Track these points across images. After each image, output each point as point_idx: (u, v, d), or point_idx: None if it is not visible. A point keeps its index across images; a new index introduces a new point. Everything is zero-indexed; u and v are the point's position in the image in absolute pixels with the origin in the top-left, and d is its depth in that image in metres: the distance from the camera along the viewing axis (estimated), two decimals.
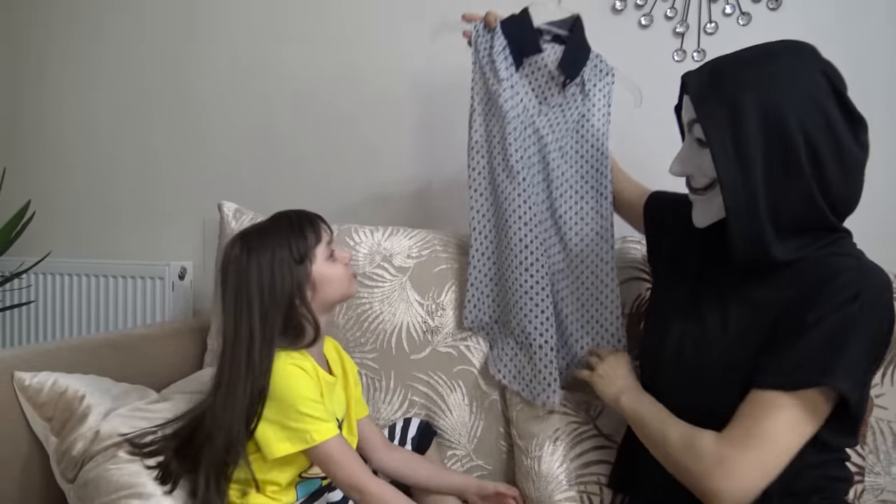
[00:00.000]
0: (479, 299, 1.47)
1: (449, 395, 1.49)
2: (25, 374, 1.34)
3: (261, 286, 1.16)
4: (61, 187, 2.39)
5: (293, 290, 1.18)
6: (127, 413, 1.32)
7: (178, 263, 2.17)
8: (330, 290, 1.23)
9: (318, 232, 1.23)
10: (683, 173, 1.09)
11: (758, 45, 1.01)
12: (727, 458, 0.92)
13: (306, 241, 1.21)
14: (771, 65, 0.97)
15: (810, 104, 0.94)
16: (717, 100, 0.98)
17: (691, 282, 1.14)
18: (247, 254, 1.18)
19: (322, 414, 1.16)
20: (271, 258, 1.17)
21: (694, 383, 1.05)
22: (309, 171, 2.05)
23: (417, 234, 1.62)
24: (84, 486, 1.23)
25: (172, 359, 1.66)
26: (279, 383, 1.15)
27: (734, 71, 0.99)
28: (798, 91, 0.95)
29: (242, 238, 1.21)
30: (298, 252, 1.19)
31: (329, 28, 2.01)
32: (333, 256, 1.25)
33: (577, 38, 1.46)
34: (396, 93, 1.94)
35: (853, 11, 1.55)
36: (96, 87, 2.33)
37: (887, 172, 1.53)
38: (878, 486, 1.23)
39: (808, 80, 0.95)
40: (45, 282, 2.33)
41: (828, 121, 0.95)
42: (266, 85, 2.09)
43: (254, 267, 1.17)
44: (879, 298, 0.93)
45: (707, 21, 1.64)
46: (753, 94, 0.96)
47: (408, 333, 1.52)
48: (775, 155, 0.95)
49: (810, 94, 0.95)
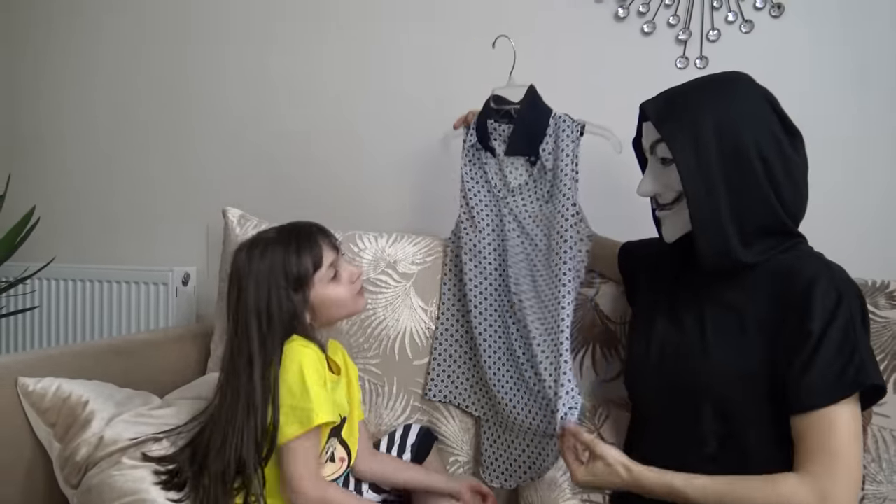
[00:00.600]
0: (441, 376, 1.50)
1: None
2: (29, 380, 1.35)
3: (258, 310, 1.18)
4: (65, 193, 2.40)
5: (290, 316, 1.19)
6: (130, 419, 1.32)
7: (181, 269, 2.17)
8: (331, 312, 1.24)
9: (317, 254, 1.22)
10: (652, 192, 1.18)
11: (704, 76, 1.14)
12: (827, 491, 0.94)
13: (303, 266, 1.20)
14: (722, 89, 1.10)
15: (759, 122, 1.06)
16: (677, 119, 1.09)
17: (669, 288, 1.22)
18: (247, 268, 1.20)
19: (328, 396, 1.17)
20: (268, 277, 1.18)
21: (675, 388, 1.12)
22: (314, 177, 2.05)
23: (422, 240, 1.62)
24: (88, 492, 1.23)
25: (176, 364, 1.66)
26: (295, 361, 1.16)
27: (690, 95, 1.11)
28: (748, 111, 1.07)
29: (248, 252, 1.22)
30: (295, 279, 1.19)
31: (334, 32, 2.01)
32: (337, 277, 1.24)
33: (527, 112, 1.49)
34: (402, 98, 1.95)
35: (856, 19, 1.55)
36: (100, 93, 2.34)
37: (891, 180, 1.53)
38: (881, 494, 1.22)
39: (755, 103, 1.08)
40: (48, 287, 2.33)
41: (775, 136, 1.06)
42: (272, 89, 2.10)
43: (252, 287, 1.19)
44: (852, 289, 1.03)
45: (710, 28, 1.64)
46: (710, 114, 1.07)
47: (411, 339, 1.53)
48: (733, 168, 1.05)
49: (757, 114, 1.07)
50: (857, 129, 1.55)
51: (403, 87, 1.94)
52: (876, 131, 1.54)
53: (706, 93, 1.10)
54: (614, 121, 1.72)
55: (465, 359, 1.49)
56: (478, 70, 1.85)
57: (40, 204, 2.35)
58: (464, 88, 1.87)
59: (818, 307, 1.00)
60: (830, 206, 1.30)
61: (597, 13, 1.74)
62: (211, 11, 2.17)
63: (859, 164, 1.55)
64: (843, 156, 1.55)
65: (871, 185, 1.55)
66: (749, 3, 1.61)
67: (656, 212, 1.21)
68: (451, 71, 1.89)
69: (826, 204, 1.13)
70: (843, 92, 1.56)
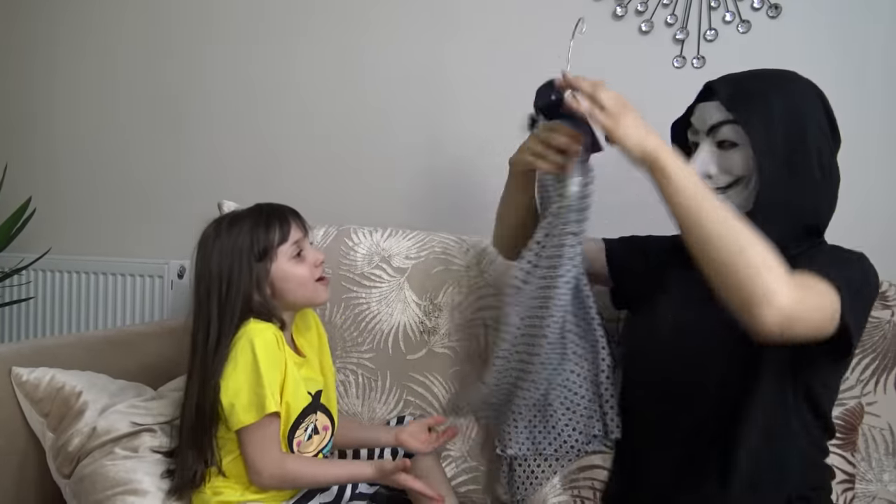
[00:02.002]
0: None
1: (444, 396, 1.49)
2: (23, 370, 1.35)
3: (220, 275, 1.19)
4: (62, 185, 2.40)
5: (250, 285, 1.20)
6: (124, 409, 1.32)
7: (177, 262, 2.17)
8: (290, 291, 1.24)
9: (285, 229, 1.23)
10: (706, 174, 1.13)
11: (762, 69, 1.16)
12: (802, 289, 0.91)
13: (270, 237, 1.21)
14: (787, 79, 1.12)
15: (819, 120, 1.09)
16: (749, 101, 1.09)
17: (675, 279, 1.19)
18: (213, 238, 1.22)
19: (279, 385, 1.17)
20: (231, 248, 1.20)
21: (696, 358, 1.10)
22: (309, 170, 2.05)
23: (416, 235, 1.62)
24: (80, 482, 1.24)
25: (170, 356, 1.66)
26: (249, 343, 1.16)
27: (759, 80, 1.12)
28: (811, 106, 1.10)
29: (216, 222, 1.25)
30: (259, 247, 1.21)
31: (328, 27, 2.02)
32: (301, 256, 1.25)
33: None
34: (395, 93, 1.95)
35: (852, 20, 1.56)
36: (97, 85, 2.34)
37: (886, 181, 1.54)
38: (870, 493, 1.23)
39: (816, 100, 1.11)
40: (44, 278, 2.34)
41: (827, 137, 1.10)
42: (266, 84, 2.10)
43: (216, 254, 1.20)
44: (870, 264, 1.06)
45: (707, 28, 1.65)
46: (780, 99, 1.08)
47: (405, 334, 1.53)
48: (797, 159, 1.07)
49: (818, 111, 1.10)
50: (852, 127, 1.55)
51: (396, 84, 1.95)
52: (870, 130, 1.54)
53: (774, 80, 1.12)
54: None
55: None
56: (474, 67, 1.87)
57: (36, 195, 2.35)
58: (458, 87, 1.88)
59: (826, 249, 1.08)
60: None
61: (595, 11, 1.74)
62: (210, 6, 2.17)
63: (853, 163, 1.55)
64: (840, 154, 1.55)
65: (864, 183, 1.55)
66: (746, 4, 1.62)
67: None
68: (446, 69, 1.89)
69: None
70: (840, 92, 1.56)
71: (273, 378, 1.16)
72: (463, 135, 1.88)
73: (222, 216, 1.27)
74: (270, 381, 1.15)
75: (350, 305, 1.56)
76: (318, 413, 1.28)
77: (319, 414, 1.28)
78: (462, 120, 1.88)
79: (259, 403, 1.14)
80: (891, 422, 1.24)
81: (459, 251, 1.58)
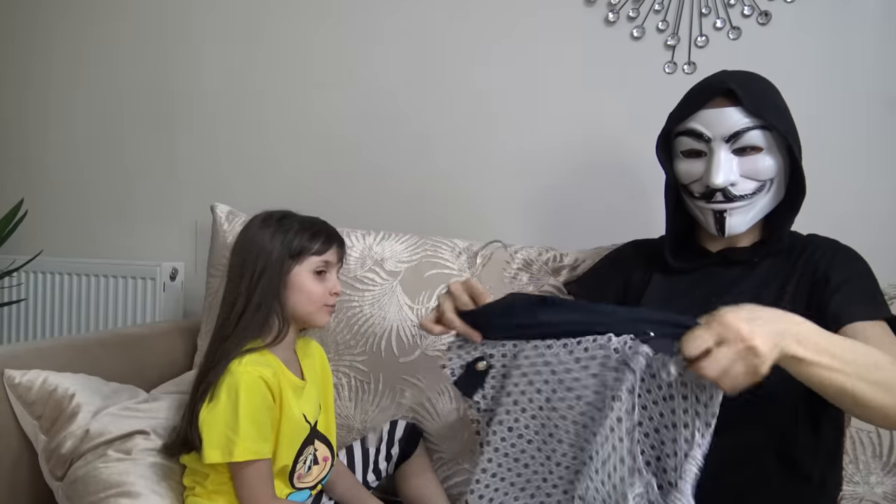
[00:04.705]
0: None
1: (437, 399, 1.50)
2: (15, 372, 1.35)
3: (258, 256, 1.22)
4: (54, 187, 2.39)
5: (274, 275, 1.22)
6: (117, 412, 1.32)
7: (169, 264, 2.17)
8: (297, 302, 1.24)
9: (325, 246, 1.26)
10: (731, 182, 1.11)
11: (738, 70, 1.19)
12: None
13: (310, 244, 1.24)
14: (767, 80, 1.18)
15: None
16: (768, 104, 1.12)
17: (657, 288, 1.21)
18: (261, 222, 1.26)
19: (258, 433, 1.15)
20: (273, 234, 1.23)
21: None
22: (303, 174, 2.06)
23: (409, 238, 1.63)
24: (73, 484, 1.24)
25: (163, 359, 1.66)
26: (234, 387, 1.16)
27: (760, 81, 1.16)
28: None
29: (268, 213, 1.28)
30: (297, 246, 1.23)
31: (323, 30, 2.02)
32: (322, 276, 1.26)
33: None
34: (390, 96, 1.96)
35: (842, 26, 1.57)
36: (89, 88, 2.33)
37: (873, 183, 1.56)
38: (857, 495, 1.25)
39: None
40: (36, 280, 2.33)
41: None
42: (260, 86, 2.10)
43: (260, 235, 1.24)
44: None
45: (698, 34, 1.66)
46: (780, 98, 1.15)
47: (397, 337, 1.54)
48: (797, 151, 1.12)
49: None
50: (839, 131, 1.58)
51: (392, 88, 1.96)
52: (858, 134, 1.57)
53: (762, 79, 1.17)
54: (602, 123, 1.75)
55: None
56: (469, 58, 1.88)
57: (28, 197, 2.35)
58: (453, 91, 1.89)
59: (826, 252, 1.11)
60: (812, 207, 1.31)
61: (587, 17, 1.75)
62: (200, 8, 2.17)
63: (841, 165, 1.58)
64: (826, 158, 1.57)
65: (853, 185, 1.57)
66: (737, 10, 1.63)
67: (719, 204, 1.13)
68: (439, 63, 1.90)
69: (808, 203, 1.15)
70: (828, 97, 1.59)
71: (253, 425, 1.15)
72: (455, 139, 1.89)
73: (276, 211, 1.29)
74: (249, 429, 1.14)
75: (343, 308, 1.56)
76: (315, 443, 1.28)
77: (318, 443, 1.28)
78: (455, 124, 1.89)
79: (226, 447, 1.13)
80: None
81: (451, 255, 1.59)
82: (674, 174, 1.19)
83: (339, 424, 1.51)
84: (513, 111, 1.84)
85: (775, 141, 1.11)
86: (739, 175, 1.11)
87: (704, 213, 1.16)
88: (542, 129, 1.81)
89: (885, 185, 1.56)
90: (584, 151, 1.77)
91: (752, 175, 1.12)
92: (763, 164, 1.11)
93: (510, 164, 1.84)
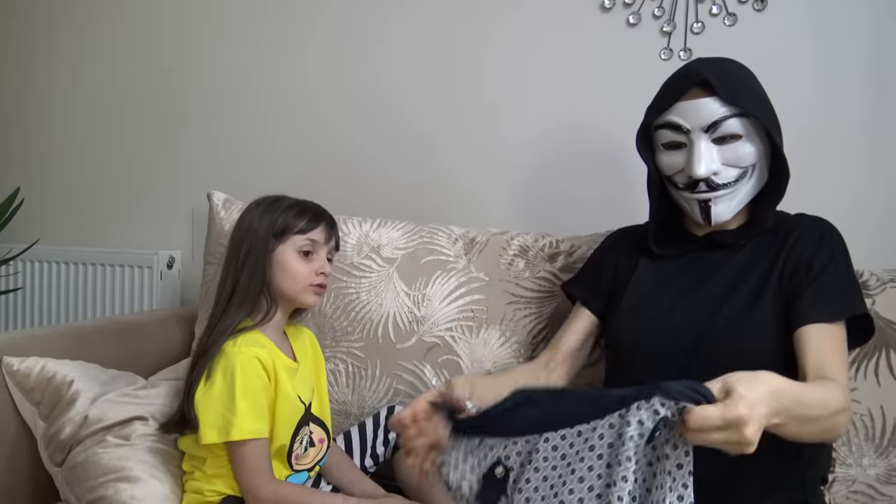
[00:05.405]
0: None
1: (434, 385, 1.51)
2: (14, 359, 1.35)
3: (244, 236, 1.25)
4: (50, 175, 2.39)
5: (259, 254, 1.24)
6: (115, 398, 1.33)
7: (166, 252, 2.17)
8: (282, 281, 1.25)
9: (311, 225, 1.26)
10: (713, 171, 1.12)
11: (718, 57, 1.20)
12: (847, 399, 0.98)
13: (293, 222, 1.25)
14: (741, 64, 1.19)
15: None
16: (744, 91, 1.12)
17: (644, 273, 1.24)
18: (255, 205, 1.29)
19: (255, 412, 1.16)
20: (261, 215, 1.26)
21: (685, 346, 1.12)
22: (299, 161, 2.06)
23: (405, 225, 1.64)
24: (72, 470, 1.25)
25: (160, 347, 1.67)
26: (230, 368, 1.17)
27: (734, 67, 1.16)
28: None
29: (265, 196, 1.31)
30: (280, 225, 1.25)
31: (322, 22, 2.02)
32: (308, 257, 1.27)
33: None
34: (388, 88, 1.96)
35: (837, 13, 1.57)
36: (86, 76, 2.33)
37: (869, 170, 1.57)
38: (850, 477, 1.26)
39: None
40: (32, 269, 2.33)
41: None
42: (255, 75, 2.10)
43: (249, 216, 1.27)
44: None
45: (694, 21, 1.66)
46: (758, 83, 1.16)
47: (394, 323, 1.54)
48: (777, 134, 1.13)
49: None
50: (836, 117, 1.58)
51: (390, 79, 1.95)
52: (853, 120, 1.57)
53: (738, 64, 1.17)
54: (598, 110, 1.75)
55: None
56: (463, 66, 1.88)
57: (25, 185, 2.35)
58: (451, 85, 1.89)
59: (810, 238, 1.12)
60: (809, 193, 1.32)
61: (583, 3, 1.75)
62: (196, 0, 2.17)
63: (839, 152, 1.58)
64: (822, 144, 1.58)
65: (846, 173, 1.58)
66: None
67: (703, 194, 1.14)
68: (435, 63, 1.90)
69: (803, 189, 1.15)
70: (824, 84, 1.59)
71: (250, 404, 1.15)
72: (453, 130, 1.89)
73: (272, 195, 1.32)
74: (246, 408, 1.14)
75: (340, 295, 1.57)
76: (311, 424, 1.28)
77: (313, 426, 1.29)
78: (453, 116, 1.89)
79: (223, 427, 1.14)
80: (871, 408, 1.27)
81: (448, 241, 1.59)
82: (656, 167, 1.20)
83: (336, 410, 1.52)
84: (507, 98, 1.84)
85: (754, 127, 1.11)
86: (721, 164, 1.12)
87: (690, 204, 1.17)
88: (537, 116, 1.81)
89: (881, 172, 1.56)
90: (580, 138, 1.77)
91: (733, 163, 1.12)
92: (743, 150, 1.11)
93: (505, 151, 1.84)
